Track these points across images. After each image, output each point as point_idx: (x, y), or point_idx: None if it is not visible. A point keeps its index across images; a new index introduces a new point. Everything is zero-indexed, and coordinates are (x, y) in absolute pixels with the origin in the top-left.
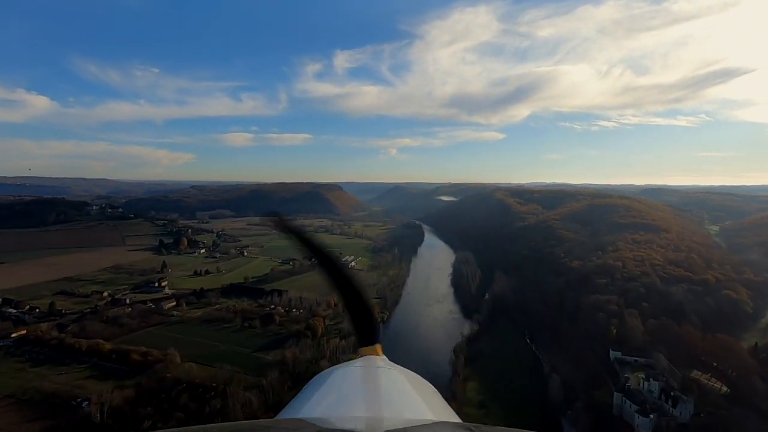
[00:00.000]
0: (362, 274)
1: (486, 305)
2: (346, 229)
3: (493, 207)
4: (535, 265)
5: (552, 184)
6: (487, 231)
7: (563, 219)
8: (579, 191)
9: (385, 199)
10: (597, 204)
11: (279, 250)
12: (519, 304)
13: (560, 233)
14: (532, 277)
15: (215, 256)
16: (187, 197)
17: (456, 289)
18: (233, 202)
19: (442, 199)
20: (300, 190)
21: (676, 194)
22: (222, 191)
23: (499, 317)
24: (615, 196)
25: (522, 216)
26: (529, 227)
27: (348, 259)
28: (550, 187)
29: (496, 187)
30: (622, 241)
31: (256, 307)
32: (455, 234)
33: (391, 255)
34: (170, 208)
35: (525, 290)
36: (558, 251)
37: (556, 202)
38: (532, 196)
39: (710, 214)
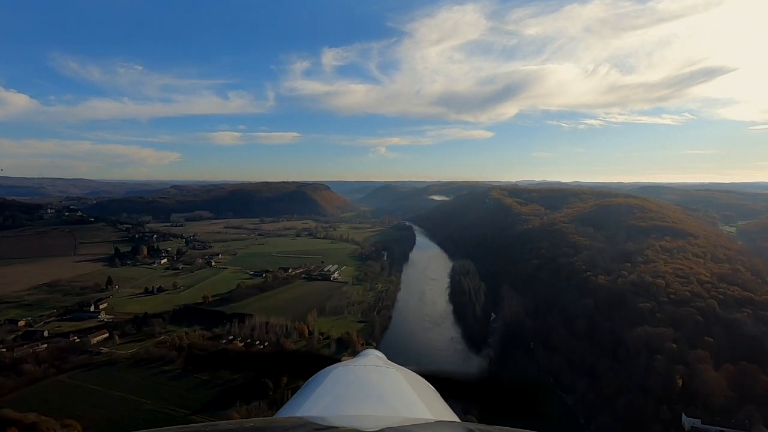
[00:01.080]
0: (345, 289)
1: (496, 332)
2: (331, 232)
3: (490, 207)
4: (550, 280)
5: (542, 182)
6: (486, 234)
7: (572, 221)
8: (582, 190)
9: (374, 199)
10: (606, 204)
11: (253, 258)
12: (539, 332)
13: (573, 239)
14: (549, 296)
15: (177, 267)
16: (164, 198)
17: (456, 308)
18: (212, 203)
19: (434, 199)
20: (285, 190)
21: (676, 192)
22: (203, 191)
23: (515, 351)
24: (621, 195)
25: (524, 218)
26: (534, 231)
27: (330, 269)
28: (542, 186)
29: (490, 186)
30: (650, 249)
31: (209, 338)
32: (450, 237)
33: (380, 263)
34: (144, 210)
35: (543, 314)
36: (576, 261)
37: (558, 201)
38: (531, 195)
39: (719, 213)
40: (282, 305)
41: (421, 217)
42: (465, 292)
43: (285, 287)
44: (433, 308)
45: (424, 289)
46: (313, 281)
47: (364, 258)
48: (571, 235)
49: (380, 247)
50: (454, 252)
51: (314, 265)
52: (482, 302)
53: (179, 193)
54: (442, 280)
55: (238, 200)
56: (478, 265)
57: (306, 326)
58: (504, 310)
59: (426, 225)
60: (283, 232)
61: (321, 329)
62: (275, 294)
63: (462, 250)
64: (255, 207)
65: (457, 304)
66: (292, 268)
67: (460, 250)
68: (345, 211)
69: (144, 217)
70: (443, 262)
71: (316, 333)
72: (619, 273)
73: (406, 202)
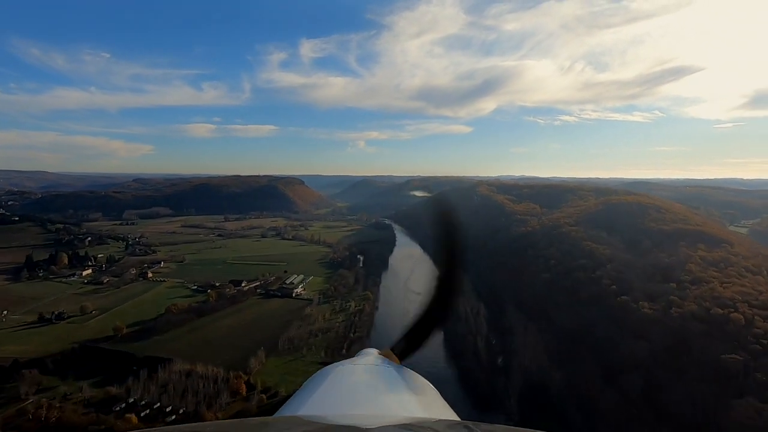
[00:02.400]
0: (309, 310)
1: (509, 385)
2: (302, 232)
3: (478, 205)
4: (570, 303)
5: (522, 177)
6: (477, 236)
7: (579, 223)
8: (578, 186)
9: (351, 194)
10: (614, 203)
11: (202, 267)
12: (573, 392)
13: (588, 246)
14: (575, 329)
15: (101, 281)
16: (120, 192)
17: (450, 342)
18: (174, 198)
19: (415, 195)
20: (255, 184)
21: (665, 189)
22: (167, 185)
23: (542, 421)
24: (621, 192)
25: (519, 217)
26: (535, 234)
27: (293, 281)
28: (523, 180)
29: (474, 181)
30: (691, 261)
31: (95, 404)
32: (435, 238)
33: (354, 272)
34: (95, 206)
35: (572, 358)
36: (600, 278)
37: (554, 199)
38: (522, 191)
39: (719, 211)
40: (221, 339)
41: (401, 214)
42: (460, 317)
43: (232, 309)
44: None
45: (407, 309)
46: (271, 299)
47: (335, 265)
48: (583, 240)
49: (355, 250)
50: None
51: (275, 276)
52: (484, 333)
53: (141, 187)
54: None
55: (203, 195)
56: (471, 274)
57: (245, 377)
58: (515, 347)
59: (407, 223)
60: (248, 231)
61: (266, 381)
62: (216, 320)
63: None
64: (221, 203)
65: (450, 334)
66: (247, 281)
67: None
68: (320, 207)
69: (93, 214)
70: (428, 268)
71: (259, 387)
72: (667, 298)
73: (385, 198)
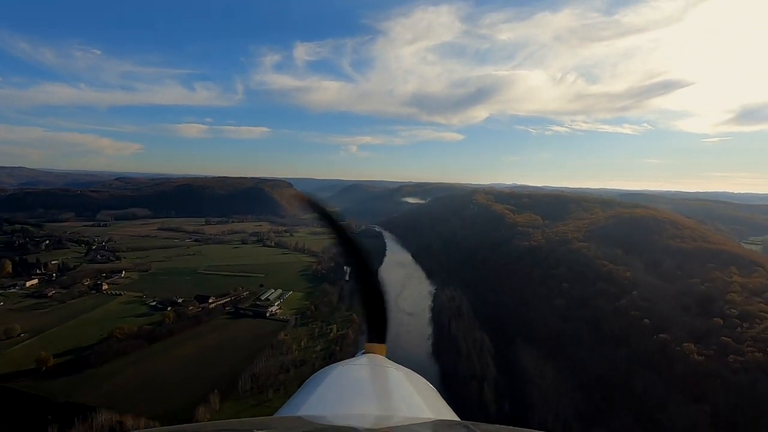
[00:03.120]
0: (283, 336)
1: None
2: (286, 238)
3: (476, 214)
4: (593, 341)
5: (514, 185)
6: (475, 249)
7: (589, 239)
8: (582, 198)
9: (342, 198)
10: (625, 216)
11: (168, 277)
12: None
13: (604, 267)
14: (607, 376)
15: (46, 294)
16: (96, 192)
17: (448, 388)
18: (155, 199)
19: (408, 201)
20: (241, 187)
21: (666, 201)
22: (151, 185)
23: None
24: (627, 204)
25: (521, 229)
26: (541, 250)
27: (270, 297)
28: (515, 189)
29: (466, 188)
30: (732, 291)
31: None
32: (428, 249)
33: (339, 287)
34: (69, 205)
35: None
36: (625, 308)
37: (556, 210)
38: (521, 201)
39: (726, 226)
40: (170, 375)
41: (393, 221)
42: (460, 352)
43: (192, 332)
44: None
45: (397, 333)
46: (240, 319)
47: (319, 278)
48: (597, 260)
49: (341, 261)
50: (435, 270)
51: (248, 291)
52: (491, 377)
53: (122, 186)
54: (422, 316)
55: (186, 197)
56: (469, 293)
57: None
58: (532, 399)
59: (399, 232)
60: (228, 237)
61: None
62: (170, 348)
63: (445, 268)
64: (204, 205)
65: (450, 378)
66: (215, 297)
67: (442, 269)
68: (308, 212)
69: (65, 213)
70: (422, 285)
71: None
72: (718, 340)
73: (376, 203)
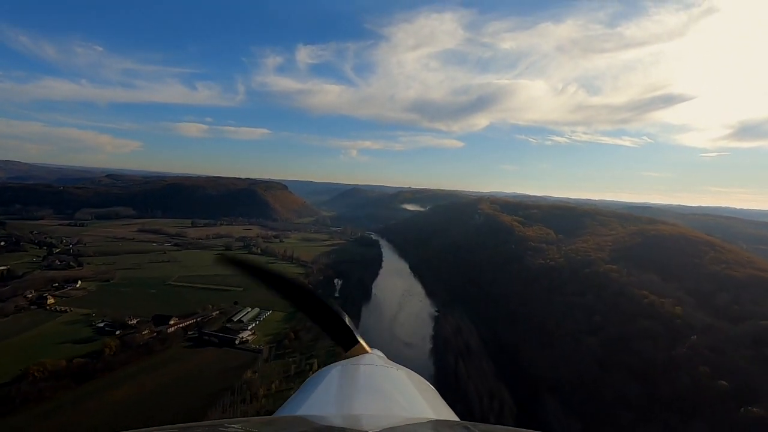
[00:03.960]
0: (251, 374)
1: None
2: (275, 244)
3: (481, 226)
4: (647, 400)
5: (513, 194)
6: (482, 266)
7: (616, 260)
8: (595, 210)
9: (339, 202)
10: (651, 233)
11: (131, 289)
12: None
13: (643, 297)
14: None
15: None
16: (80, 188)
17: None
18: (141, 198)
19: (407, 208)
20: (233, 187)
21: (674, 215)
22: (141, 182)
23: None
24: (646, 219)
25: (533, 245)
26: (559, 271)
27: (244, 318)
28: (516, 198)
29: (474, 197)
30: None
31: None
32: (429, 263)
33: None
34: (50, 202)
35: None
36: (686, 358)
37: (569, 223)
38: (529, 212)
39: (748, 245)
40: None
41: (390, 229)
42: (472, 410)
43: (138, 366)
44: None
45: None
46: (203, 348)
47: None
48: (632, 287)
49: (333, 272)
50: (437, 288)
51: (219, 311)
52: None
53: (111, 183)
54: (422, 348)
55: (175, 196)
56: (477, 322)
57: None
58: None
59: (397, 240)
60: (212, 241)
61: None
62: (104, 390)
63: (447, 286)
64: (193, 206)
65: None
66: (177, 318)
67: (444, 287)
68: (302, 215)
69: (43, 210)
70: (421, 305)
71: None
72: None
73: (374, 209)
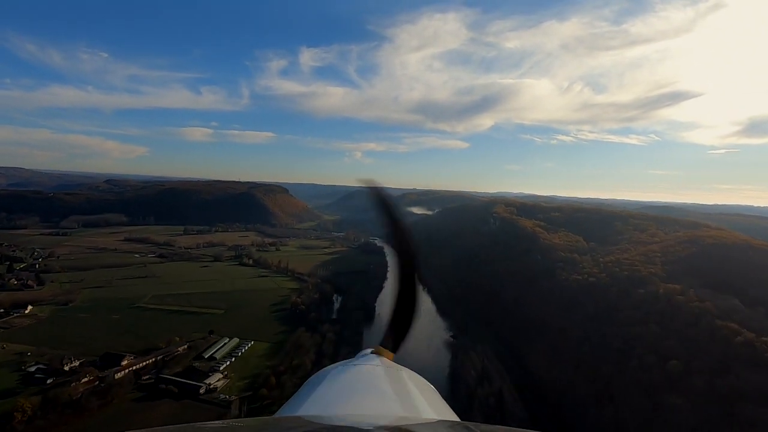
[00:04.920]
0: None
1: None
2: (271, 253)
3: (498, 232)
4: None
5: (520, 194)
6: (504, 282)
7: (672, 275)
8: (626, 212)
9: (343, 205)
10: (703, 241)
11: (93, 315)
12: None
13: (727, 330)
14: None
15: None
16: (71, 194)
17: None
18: (134, 203)
19: (413, 212)
20: (231, 191)
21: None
22: (138, 188)
23: None
24: (685, 223)
25: (563, 255)
26: (603, 290)
27: (218, 351)
28: (525, 198)
29: (483, 198)
30: None
31: None
32: (441, 276)
33: (321, 333)
34: (39, 209)
35: None
36: None
37: (598, 228)
38: (550, 215)
39: None
40: None
41: None
42: None
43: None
44: None
45: None
46: (157, 402)
47: (296, 316)
48: (714, 317)
49: (331, 288)
50: (450, 306)
51: (189, 344)
52: None
53: (109, 189)
54: (436, 386)
55: (169, 202)
56: (505, 357)
57: None
58: None
59: None
60: (201, 251)
61: None
62: None
63: (464, 305)
64: (188, 211)
65: None
66: (132, 357)
67: (458, 304)
68: (304, 220)
69: (29, 218)
70: (433, 327)
71: None
72: None
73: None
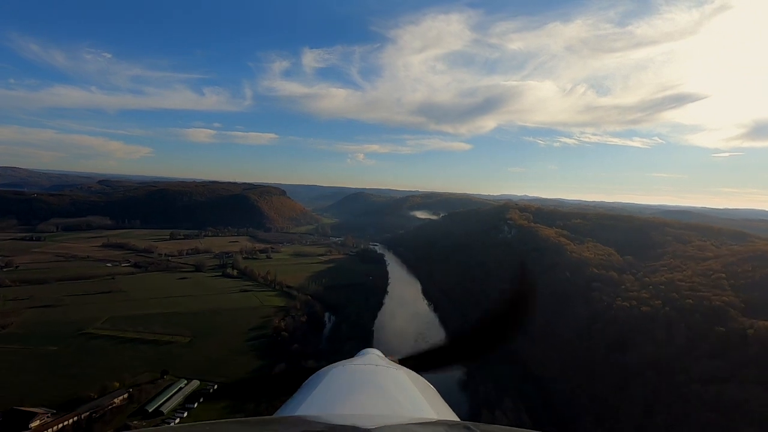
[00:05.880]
0: None
1: None
2: (259, 262)
3: (513, 241)
4: None
5: (524, 197)
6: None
7: (750, 304)
8: (661, 220)
9: (343, 208)
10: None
11: (19, 348)
12: None
13: None
14: None
15: None
16: (54, 195)
17: None
18: (120, 206)
19: (417, 216)
20: (225, 193)
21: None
22: (131, 189)
23: None
24: (728, 231)
25: (596, 273)
26: (657, 322)
27: (165, 402)
28: (532, 201)
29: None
30: None
31: None
32: (449, 294)
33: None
34: (14, 211)
35: None
36: None
37: (632, 239)
38: (571, 222)
39: None
40: None
41: (399, 240)
42: None
43: None
44: None
45: None
46: None
47: (276, 345)
48: None
49: (321, 308)
50: (460, 327)
51: (129, 390)
52: None
53: (100, 190)
54: None
55: (158, 204)
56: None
57: None
58: None
59: (407, 256)
60: (183, 259)
61: None
62: None
63: (475, 329)
64: (177, 214)
65: None
66: (47, 414)
67: (470, 328)
68: (301, 223)
69: (7, 220)
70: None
71: None
72: None
73: (380, 216)
